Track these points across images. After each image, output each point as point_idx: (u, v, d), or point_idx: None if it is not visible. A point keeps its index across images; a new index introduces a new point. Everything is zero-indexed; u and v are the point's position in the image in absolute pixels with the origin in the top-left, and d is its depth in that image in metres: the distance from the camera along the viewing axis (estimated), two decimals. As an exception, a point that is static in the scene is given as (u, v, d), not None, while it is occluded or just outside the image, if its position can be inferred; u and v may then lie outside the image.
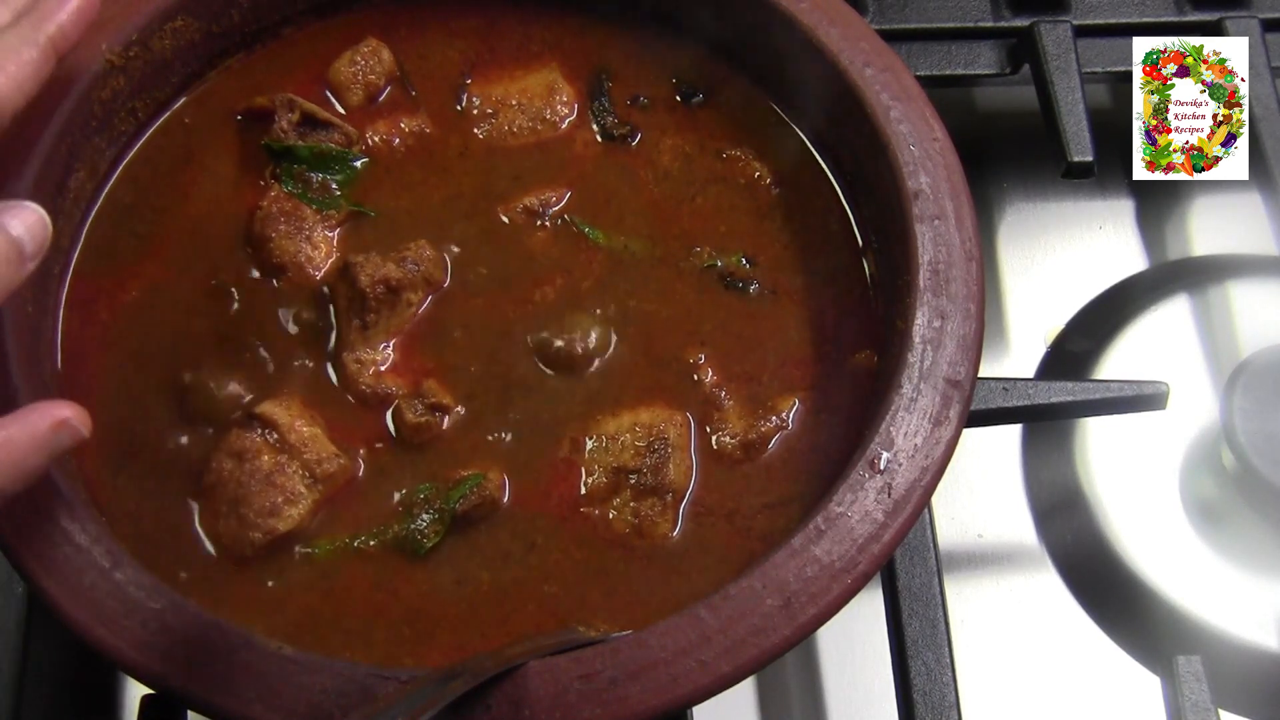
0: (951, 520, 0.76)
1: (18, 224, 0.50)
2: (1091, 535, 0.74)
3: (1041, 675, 0.72)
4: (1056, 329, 0.82)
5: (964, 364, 0.58)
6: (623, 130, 0.68)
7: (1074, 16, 0.82)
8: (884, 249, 0.63)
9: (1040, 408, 0.68)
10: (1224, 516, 0.73)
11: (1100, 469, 0.75)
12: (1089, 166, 0.76)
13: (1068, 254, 0.85)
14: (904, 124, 0.62)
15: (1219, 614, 0.71)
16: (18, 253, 0.50)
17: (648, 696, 0.50)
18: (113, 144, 0.66)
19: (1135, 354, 0.78)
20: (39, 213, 0.51)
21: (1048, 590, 0.75)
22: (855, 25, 0.66)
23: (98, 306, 0.63)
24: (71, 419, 0.50)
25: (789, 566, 0.53)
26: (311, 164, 0.66)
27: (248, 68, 0.70)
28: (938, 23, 0.83)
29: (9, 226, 0.50)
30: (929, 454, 0.56)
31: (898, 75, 0.64)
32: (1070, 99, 0.77)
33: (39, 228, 0.51)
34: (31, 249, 0.51)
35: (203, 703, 0.51)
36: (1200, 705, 0.64)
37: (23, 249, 0.50)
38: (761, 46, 0.68)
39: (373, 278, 0.61)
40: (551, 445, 0.60)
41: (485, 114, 0.69)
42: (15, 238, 0.50)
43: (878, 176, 0.63)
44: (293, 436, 0.59)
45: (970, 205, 0.61)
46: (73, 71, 0.59)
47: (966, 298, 0.59)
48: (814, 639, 0.72)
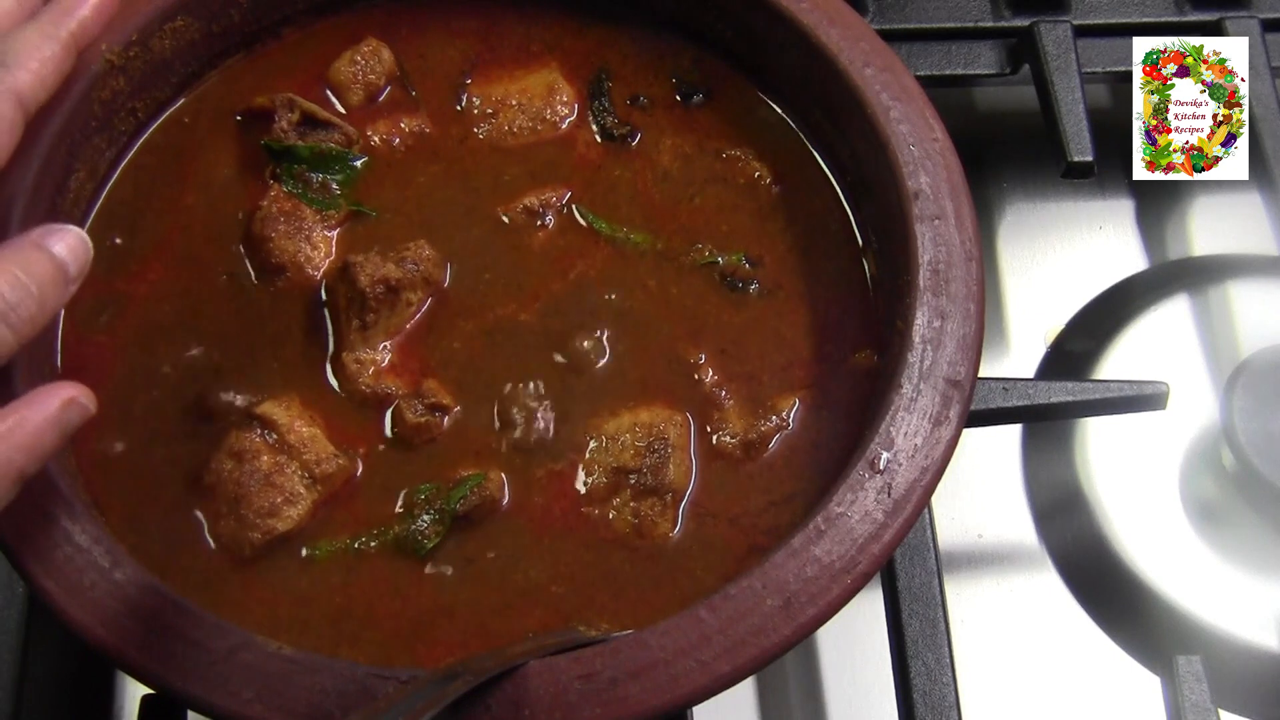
0: (951, 520, 0.76)
1: (61, 246, 0.51)
2: (1091, 535, 0.74)
3: (1041, 675, 0.72)
4: (1056, 329, 0.82)
5: (964, 364, 0.58)
6: (623, 130, 0.68)
7: (1074, 16, 0.82)
8: (884, 249, 0.63)
9: (1040, 408, 0.68)
10: (1224, 516, 0.73)
11: (1100, 469, 0.75)
12: (1089, 166, 0.76)
13: (1068, 254, 0.85)
14: (904, 124, 0.62)
15: (1219, 614, 0.71)
16: (62, 274, 0.51)
17: (648, 696, 0.50)
18: (113, 144, 0.66)
19: (1135, 354, 0.78)
20: (80, 234, 0.53)
21: (1048, 590, 0.75)
22: (855, 25, 0.65)
23: (97, 307, 0.63)
24: (79, 397, 0.51)
25: (789, 566, 0.53)
26: (311, 164, 0.66)
27: (248, 68, 0.70)
28: (938, 23, 0.83)
29: (52, 248, 0.51)
30: (929, 454, 0.56)
31: (898, 75, 0.64)
32: (1070, 99, 0.77)
33: (80, 249, 0.52)
34: (75, 270, 0.52)
35: (203, 703, 0.51)
36: (1200, 705, 0.65)
37: (67, 270, 0.51)
38: (761, 47, 0.68)
39: (372, 277, 0.61)
40: (552, 445, 0.60)
41: (485, 114, 0.69)
42: (59, 259, 0.51)
43: (878, 176, 0.63)
44: (292, 437, 0.59)
45: (970, 205, 0.61)
46: (73, 72, 0.59)
47: (966, 298, 0.59)
48: (814, 639, 0.72)
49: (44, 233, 0.52)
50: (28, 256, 0.50)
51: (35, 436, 0.49)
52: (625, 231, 0.66)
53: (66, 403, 0.50)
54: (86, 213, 0.65)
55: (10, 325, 0.49)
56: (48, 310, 0.51)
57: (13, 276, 0.49)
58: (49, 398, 0.50)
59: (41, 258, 0.51)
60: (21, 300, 0.49)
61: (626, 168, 0.68)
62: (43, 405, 0.50)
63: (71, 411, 0.50)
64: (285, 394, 0.60)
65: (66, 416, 0.50)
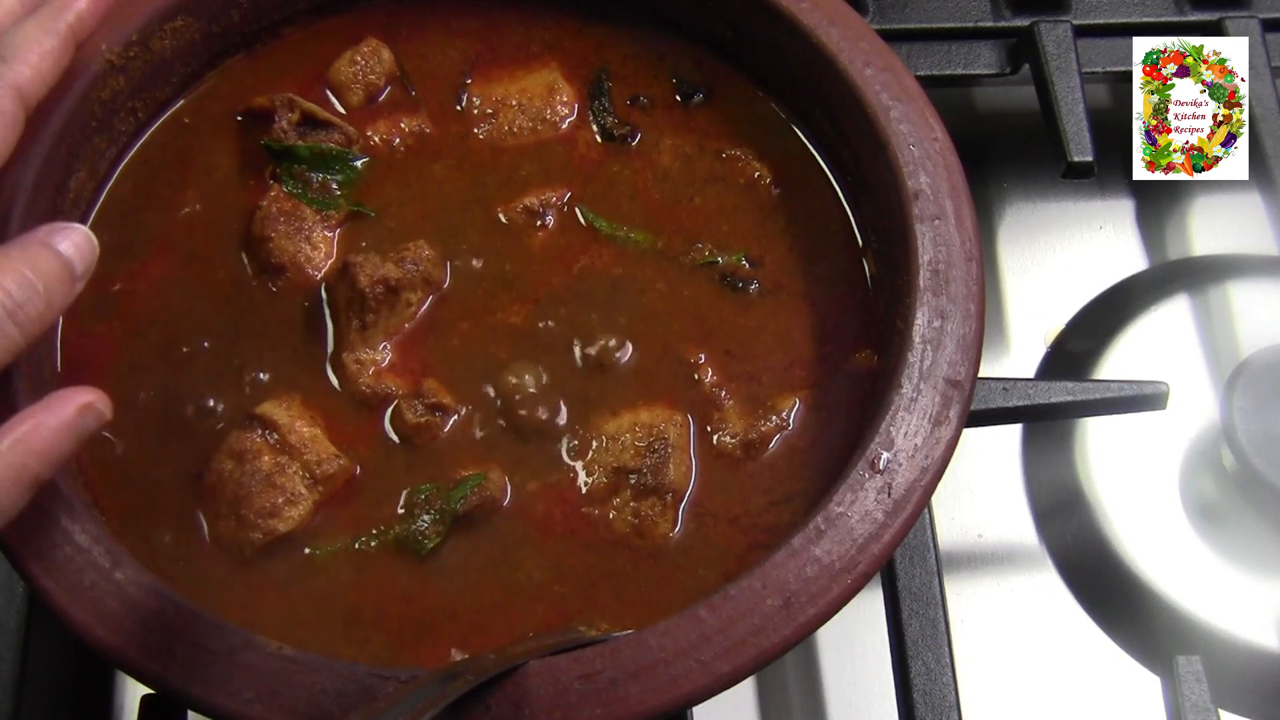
0: (952, 520, 0.76)
1: (68, 244, 0.51)
2: (1091, 535, 0.74)
3: (1042, 675, 0.72)
4: (1056, 329, 0.82)
5: (964, 364, 0.58)
6: (623, 130, 0.68)
7: (1074, 16, 0.82)
8: (884, 249, 0.63)
9: (1040, 408, 0.68)
10: (1224, 516, 0.73)
11: (1100, 469, 0.75)
12: (1089, 167, 0.76)
13: (1068, 254, 0.85)
14: (904, 124, 0.62)
15: (1219, 614, 0.71)
16: (69, 272, 0.51)
17: (648, 696, 0.50)
18: (112, 144, 0.66)
19: (1135, 354, 0.78)
20: (86, 233, 0.52)
21: (1048, 590, 0.75)
22: (855, 25, 0.65)
23: (97, 308, 0.63)
24: (95, 402, 0.50)
25: (789, 566, 0.53)
26: (311, 164, 0.66)
27: (248, 68, 0.70)
28: (938, 23, 0.83)
29: (58, 246, 0.51)
30: (929, 454, 0.56)
31: (898, 75, 0.64)
32: (1070, 99, 0.77)
33: (86, 247, 0.52)
34: (81, 269, 0.52)
35: (203, 703, 0.51)
36: (1200, 705, 0.65)
37: (73, 269, 0.51)
38: (761, 47, 0.68)
39: (372, 277, 0.61)
40: (552, 446, 0.60)
41: (485, 114, 0.69)
42: (66, 257, 0.51)
43: (878, 177, 0.63)
44: (292, 437, 0.59)
45: (970, 205, 0.61)
46: (72, 71, 0.59)
47: (966, 298, 0.59)
48: (814, 639, 0.72)
49: (50, 231, 0.52)
50: (35, 255, 0.50)
51: (51, 442, 0.49)
52: (625, 231, 0.66)
53: (83, 408, 0.50)
54: (86, 213, 0.65)
55: (18, 323, 0.49)
56: (55, 309, 0.51)
57: (20, 275, 0.49)
58: (65, 403, 0.50)
59: (48, 256, 0.50)
60: (29, 299, 0.49)
61: (626, 167, 0.68)
62: (59, 411, 0.49)
63: (88, 417, 0.50)
64: (286, 394, 0.60)
65: (82, 422, 0.50)
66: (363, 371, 0.61)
